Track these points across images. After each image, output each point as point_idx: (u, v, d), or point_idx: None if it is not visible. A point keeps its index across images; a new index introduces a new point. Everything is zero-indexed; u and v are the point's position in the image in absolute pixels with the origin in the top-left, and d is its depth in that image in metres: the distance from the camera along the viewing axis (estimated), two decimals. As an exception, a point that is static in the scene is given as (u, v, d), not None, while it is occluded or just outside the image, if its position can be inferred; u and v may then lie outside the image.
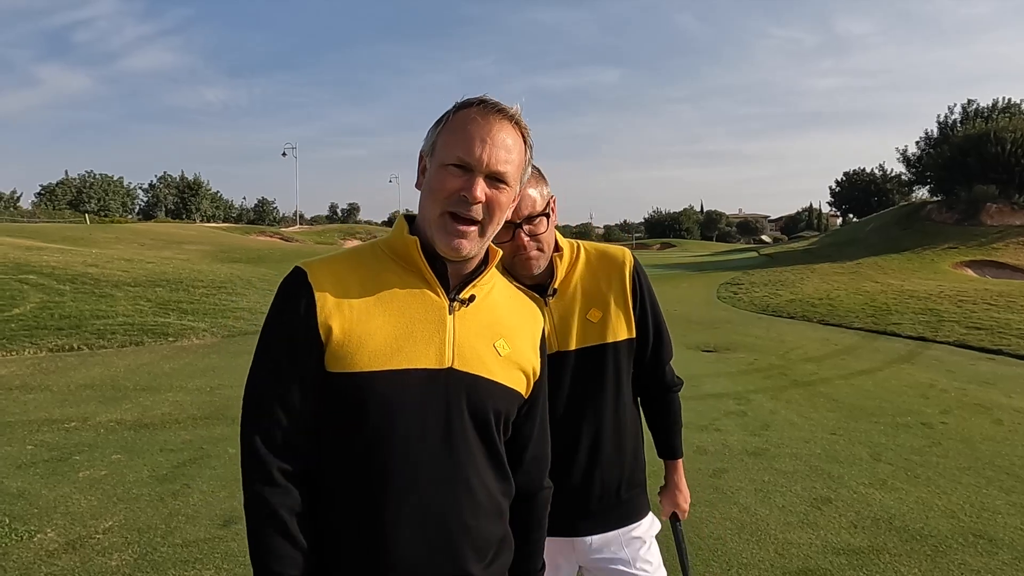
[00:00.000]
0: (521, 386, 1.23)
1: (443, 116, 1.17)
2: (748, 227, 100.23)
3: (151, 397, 6.40)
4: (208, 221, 62.24)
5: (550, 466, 1.36)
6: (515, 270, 1.53)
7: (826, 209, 79.05)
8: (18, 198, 58.35)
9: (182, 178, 72.28)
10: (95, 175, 65.76)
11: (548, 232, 1.53)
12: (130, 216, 62.77)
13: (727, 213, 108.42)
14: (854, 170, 60.80)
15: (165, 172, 73.88)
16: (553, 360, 1.50)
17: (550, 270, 1.58)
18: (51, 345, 8.32)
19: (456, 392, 1.13)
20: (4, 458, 4.70)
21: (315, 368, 1.10)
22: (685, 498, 1.87)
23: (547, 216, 1.51)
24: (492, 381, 1.17)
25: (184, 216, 66.75)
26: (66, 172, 66.34)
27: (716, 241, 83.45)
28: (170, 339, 9.44)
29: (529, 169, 1.23)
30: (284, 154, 65.21)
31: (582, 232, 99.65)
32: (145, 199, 72.07)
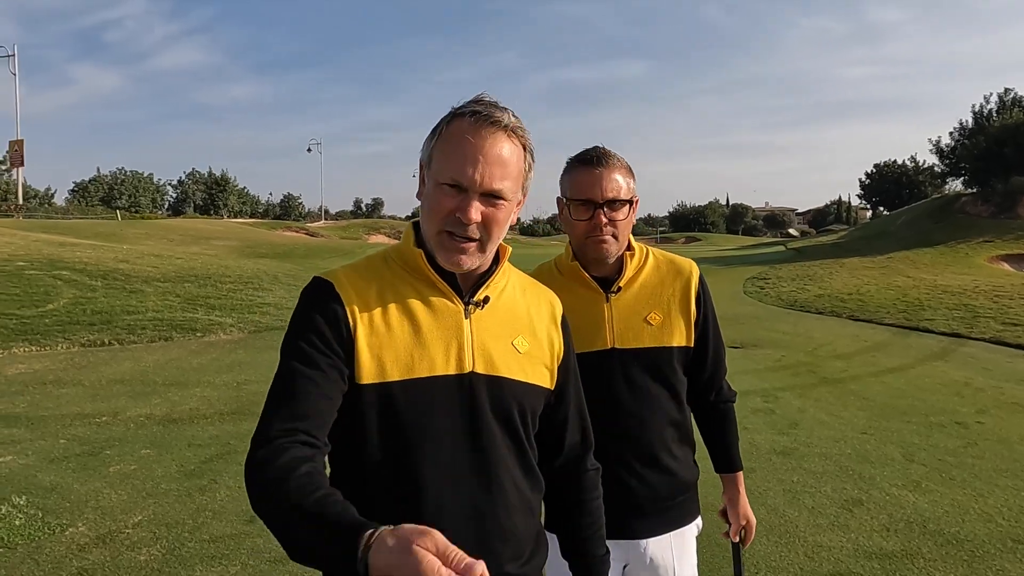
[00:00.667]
0: (545, 380, 1.25)
1: (438, 125, 1.15)
2: (775, 220, 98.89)
3: (179, 392, 6.49)
4: (235, 217, 63.07)
5: (599, 464, 1.38)
6: (584, 253, 1.58)
7: (856, 202, 77.79)
8: (52, 195, 59.64)
9: (210, 174, 73.33)
10: (126, 172, 67.01)
11: (626, 222, 1.56)
12: (160, 212, 63.89)
13: (753, 206, 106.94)
14: (885, 162, 59.64)
15: (193, 169, 75.08)
16: (606, 356, 1.58)
17: (619, 266, 1.60)
18: (83, 340, 8.50)
19: (480, 395, 1.14)
20: (38, 452, 4.80)
21: (340, 379, 1.09)
22: (751, 515, 1.84)
23: (629, 204, 1.55)
24: (514, 380, 1.18)
25: (212, 212, 67.76)
26: (98, 169, 67.75)
27: (742, 235, 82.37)
28: (198, 334, 9.58)
29: (531, 174, 1.22)
30: (309, 150, 65.92)
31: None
32: (174, 195, 73.26)
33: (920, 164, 56.46)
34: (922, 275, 19.10)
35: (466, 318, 1.17)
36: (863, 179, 60.71)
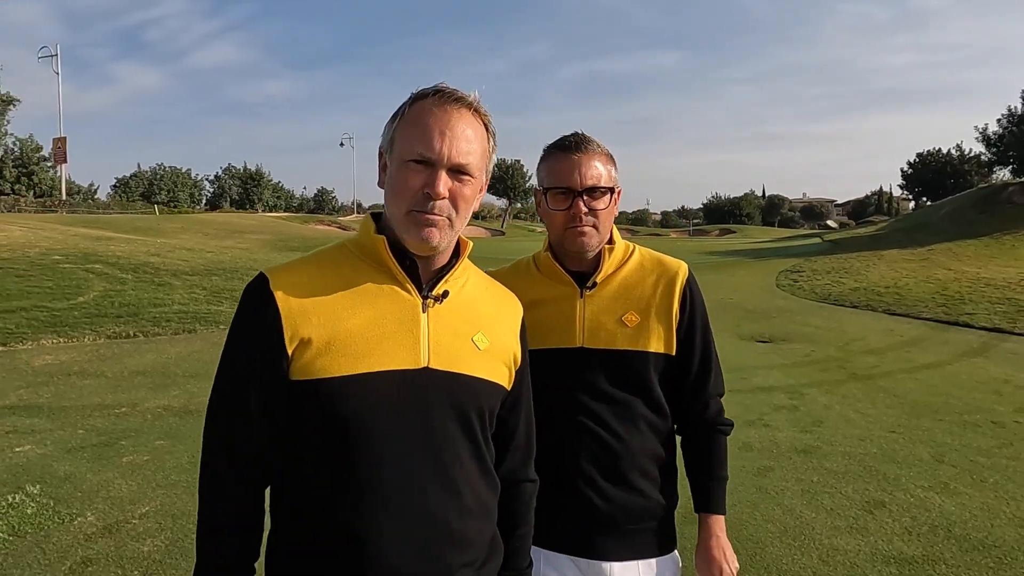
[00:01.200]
0: (503, 379, 1.21)
1: (399, 109, 1.13)
2: (812, 212, 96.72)
3: (198, 384, 6.55)
4: (270, 211, 64.13)
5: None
6: (563, 245, 1.49)
7: (897, 192, 75.57)
8: (95, 191, 61.34)
9: (245, 169, 74.69)
10: (165, 168, 68.58)
11: (607, 211, 1.47)
12: (197, 207, 65.28)
13: (790, 198, 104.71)
14: (928, 151, 57.81)
15: (230, 164, 76.57)
16: (573, 355, 1.48)
17: (597, 261, 1.51)
18: (109, 332, 8.66)
19: (435, 392, 1.10)
20: (56, 442, 4.88)
21: (281, 378, 1.07)
22: (728, 567, 1.54)
23: (610, 192, 1.47)
24: (472, 377, 1.14)
25: (247, 206, 69.00)
26: (139, 165, 69.50)
27: (778, 227, 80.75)
28: (221, 327, 9.66)
29: (494, 158, 1.19)
30: (342, 144, 66.79)
31: (638, 218, 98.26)
32: (211, 190, 74.78)
33: (966, 153, 54.57)
34: (964, 268, 18.41)
35: (424, 312, 1.13)
36: (905, 169, 58.93)
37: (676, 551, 1.57)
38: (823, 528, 3.57)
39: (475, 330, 1.17)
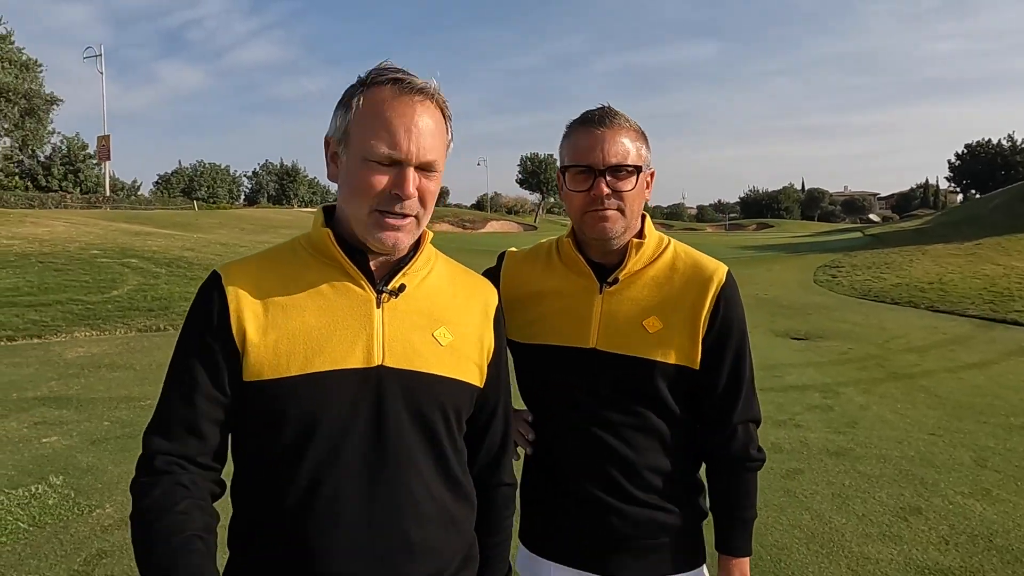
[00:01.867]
0: (471, 376, 1.13)
1: (350, 95, 1.04)
2: (854, 206, 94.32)
3: (224, 376, 6.62)
4: (305, 206, 65.08)
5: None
6: (583, 230, 1.33)
7: (944, 185, 73.16)
8: (138, 187, 63.00)
9: (281, 165, 75.95)
10: (205, 164, 70.17)
11: (635, 194, 1.30)
12: (235, 202, 66.61)
13: (831, 191, 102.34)
14: (978, 141, 55.80)
15: (267, 160, 78.01)
16: (584, 356, 1.34)
17: (623, 255, 1.34)
18: (140, 325, 8.82)
19: (389, 391, 1.03)
20: (82, 433, 4.95)
21: (230, 378, 1.02)
22: None
23: (637, 172, 1.29)
24: (432, 375, 1.07)
25: (283, 202, 70.17)
26: (179, 162, 71.44)
27: (818, 221, 78.92)
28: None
29: (452, 145, 1.10)
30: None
31: (674, 213, 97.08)
32: (249, 186, 76.28)
33: (1017, 143, 52.46)
34: (1014, 263, 17.65)
35: (378, 307, 1.06)
36: (952, 160, 57.02)
37: (704, 567, 1.42)
38: (853, 535, 3.39)
39: (437, 325, 1.10)
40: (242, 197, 74.39)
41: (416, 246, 1.12)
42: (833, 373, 7.12)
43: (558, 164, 1.38)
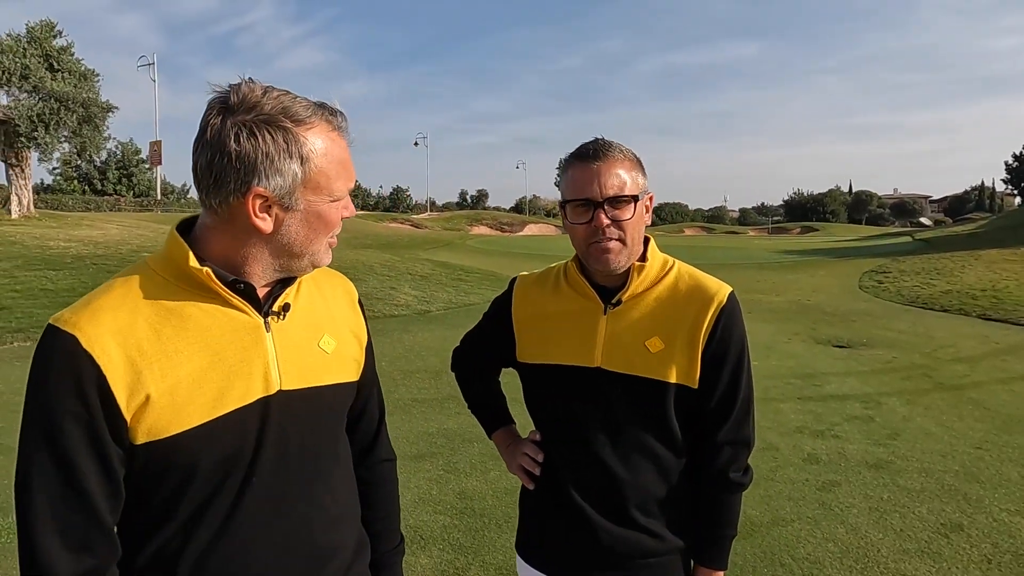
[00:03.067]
0: (353, 374, 1.19)
1: (290, 140, 0.96)
2: (904, 209, 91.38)
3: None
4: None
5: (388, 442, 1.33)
6: (588, 261, 1.38)
7: (1001, 187, 70.34)
8: (187, 190, 64.92)
9: (324, 169, 77.26)
10: (252, 168, 71.98)
11: (634, 222, 1.34)
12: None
13: (879, 194, 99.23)
14: (1036, 142, 53.40)
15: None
16: (589, 375, 1.38)
17: (625, 277, 1.38)
18: (188, 325, 9.09)
19: (290, 413, 1.05)
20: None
21: (122, 445, 0.93)
22: None
23: (634, 201, 1.33)
24: (325, 387, 1.10)
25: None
26: (227, 166, 72.83)
27: (866, 224, 76.76)
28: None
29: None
30: (416, 143, 68.11)
31: (715, 216, 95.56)
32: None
33: (1080, 144, 50.13)
34: (1074, 269, 16.91)
35: (267, 332, 1.04)
36: (1010, 161, 54.70)
37: None
38: (890, 551, 3.31)
39: (320, 334, 1.12)
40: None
41: None
42: (875, 383, 6.94)
43: (560, 198, 1.42)
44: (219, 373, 0.98)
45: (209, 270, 0.97)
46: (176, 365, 0.95)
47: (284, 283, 1.08)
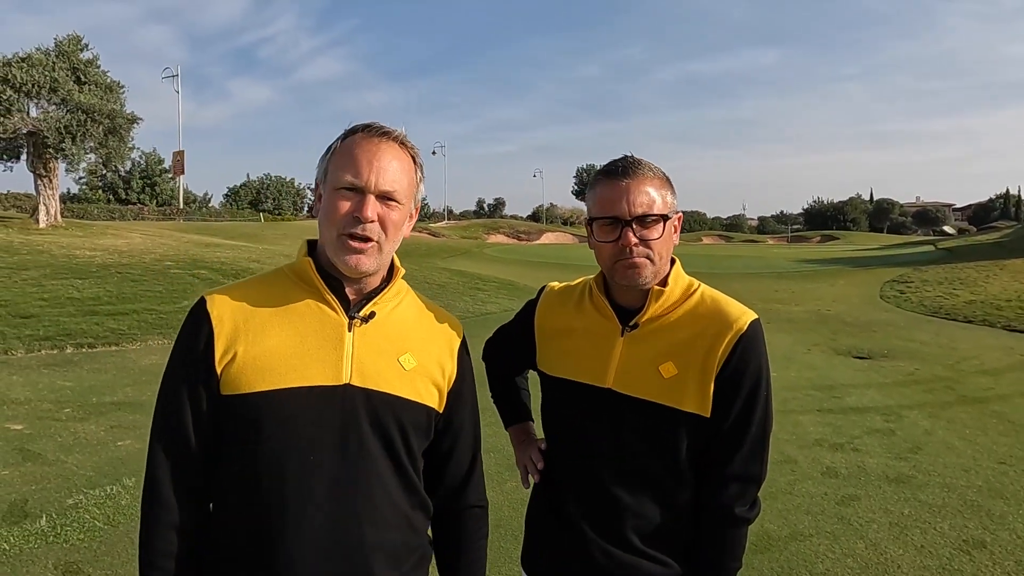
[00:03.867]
0: (432, 399, 1.24)
1: (332, 145, 1.20)
2: (926, 217, 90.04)
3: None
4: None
5: (481, 486, 1.36)
6: (614, 277, 1.36)
7: (1026, 195, 69.08)
8: (209, 199, 66.05)
9: (344, 178, 77.96)
10: (271, 177, 72.85)
11: (662, 241, 1.32)
12: (299, 214, 68.80)
13: (901, 202, 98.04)
14: (1062, 150, 52.47)
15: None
16: (600, 396, 1.37)
17: (646, 299, 1.36)
18: (209, 334, 9.23)
19: (354, 407, 1.15)
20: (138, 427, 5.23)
21: (212, 393, 1.14)
22: None
23: (663, 220, 1.31)
24: (393, 396, 1.18)
25: (345, 213, 71.82)
26: (247, 175, 74.33)
27: (887, 233, 75.79)
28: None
29: (422, 187, 1.24)
30: (434, 152, 68.66)
31: (733, 224, 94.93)
32: (312, 198, 78.54)
33: (1108, 151, 49.15)
34: (1103, 279, 16.57)
35: (349, 331, 1.18)
36: (1035, 170, 53.71)
37: None
38: (911, 567, 3.27)
39: (403, 351, 1.22)
40: (305, 209, 76.80)
41: (389, 278, 1.25)
42: (897, 395, 6.86)
43: (586, 215, 1.41)
44: (298, 352, 1.14)
45: (311, 260, 1.19)
46: (266, 337, 1.14)
47: (375, 292, 1.22)
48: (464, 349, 1.33)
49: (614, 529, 1.37)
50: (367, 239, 1.14)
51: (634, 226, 1.29)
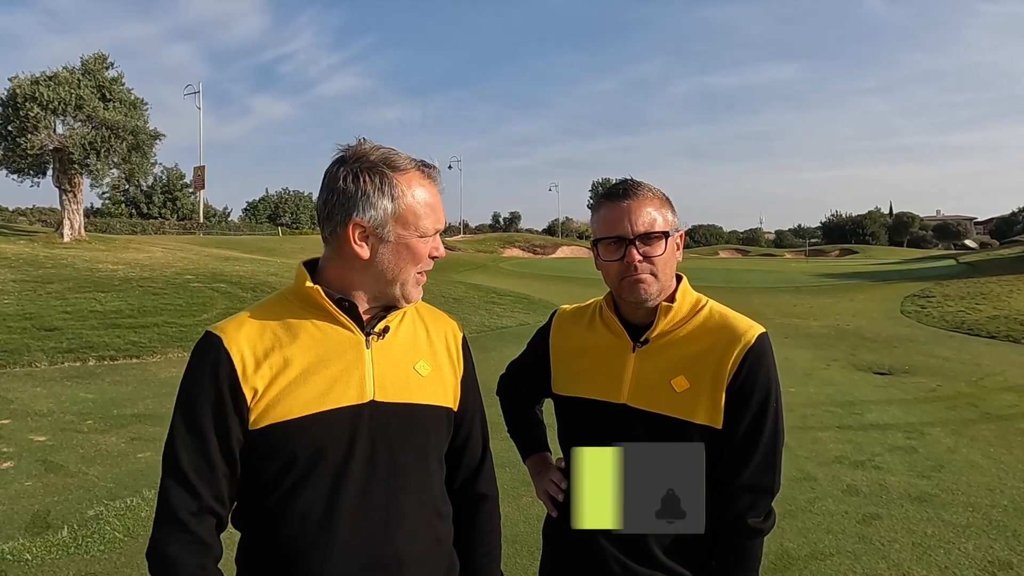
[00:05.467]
0: (449, 400, 1.30)
1: (385, 182, 1.17)
2: (947, 231, 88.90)
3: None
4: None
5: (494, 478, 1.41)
6: (621, 295, 1.42)
7: (1049, 209, 67.98)
8: (229, 213, 66.87)
9: (360, 192, 78.66)
10: (290, 192, 73.62)
11: (665, 258, 1.38)
12: (317, 229, 69.41)
13: (921, 215, 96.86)
14: (1087, 162, 51.70)
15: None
16: (616, 411, 1.41)
17: (655, 315, 1.40)
18: (228, 347, 9.33)
19: (381, 423, 1.19)
20: (158, 439, 5.28)
21: (238, 431, 1.14)
22: None
23: (665, 237, 1.37)
24: (416, 405, 1.23)
25: (362, 227, 72.41)
26: (266, 189, 75.28)
27: (907, 247, 74.92)
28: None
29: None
30: (450, 167, 69.11)
31: (750, 238, 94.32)
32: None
33: None
34: None
35: (367, 348, 1.21)
36: (1058, 183, 52.93)
37: None
38: (935, 589, 3.21)
39: (417, 358, 1.27)
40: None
41: None
42: (919, 412, 6.75)
43: (591, 238, 1.47)
44: (322, 378, 1.17)
45: (320, 288, 1.19)
46: (289, 368, 1.16)
47: (387, 310, 1.25)
48: (465, 341, 1.39)
49: (633, 542, 1.38)
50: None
51: (637, 244, 1.35)
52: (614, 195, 1.40)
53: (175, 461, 1.14)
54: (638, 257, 1.35)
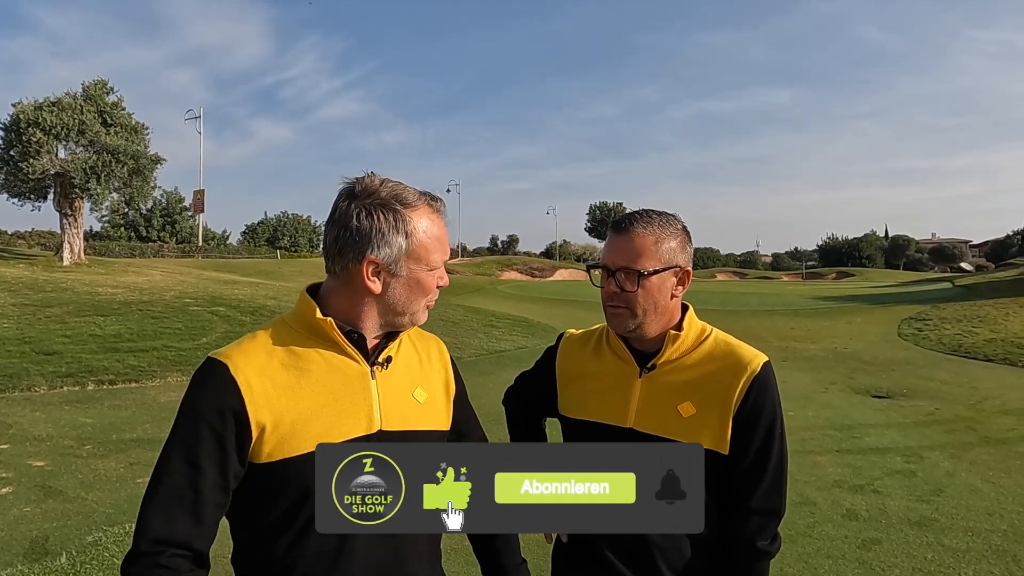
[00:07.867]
0: (444, 423, 1.35)
1: (399, 219, 1.18)
2: (943, 254, 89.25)
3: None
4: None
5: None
6: (606, 319, 1.48)
7: (1044, 232, 68.42)
8: (227, 236, 67.00)
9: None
10: (288, 215, 73.86)
11: (639, 295, 1.39)
12: (315, 251, 69.54)
13: (917, 239, 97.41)
14: (1079, 186, 52.17)
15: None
16: (623, 436, 1.43)
17: (660, 342, 1.44)
18: (227, 371, 9.33)
19: None
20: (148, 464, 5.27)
21: (236, 463, 1.12)
22: None
23: (640, 275, 1.37)
24: (419, 431, 1.26)
25: (360, 251, 72.52)
26: (265, 213, 75.35)
27: (903, 270, 75.23)
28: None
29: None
30: (448, 191, 69.52)
31: (747, 261, 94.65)
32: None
33: None
34: None
35: (372, 379, 1.23)
36: (1052, 206, 53.38)
37: None
38: (936, 614, 3.21)
39: (415, 386, 1.30)
40: (321, 246, 77.58)
41: None
42: (917, 435, 6.76)
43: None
44: (332, 410, 1.17)
45: (332, 320, 1.19)
46: (299, 400, 1.15)
47: (388, 337, 1.27)
48: (452, 359, 1.44)
49: (648, 564, 1.40)
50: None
51: (617, 276, 1.40)
52: (615, 225, 1.45)
53: (165, 489, 1.09)
54: (612, 289, 1.40)
